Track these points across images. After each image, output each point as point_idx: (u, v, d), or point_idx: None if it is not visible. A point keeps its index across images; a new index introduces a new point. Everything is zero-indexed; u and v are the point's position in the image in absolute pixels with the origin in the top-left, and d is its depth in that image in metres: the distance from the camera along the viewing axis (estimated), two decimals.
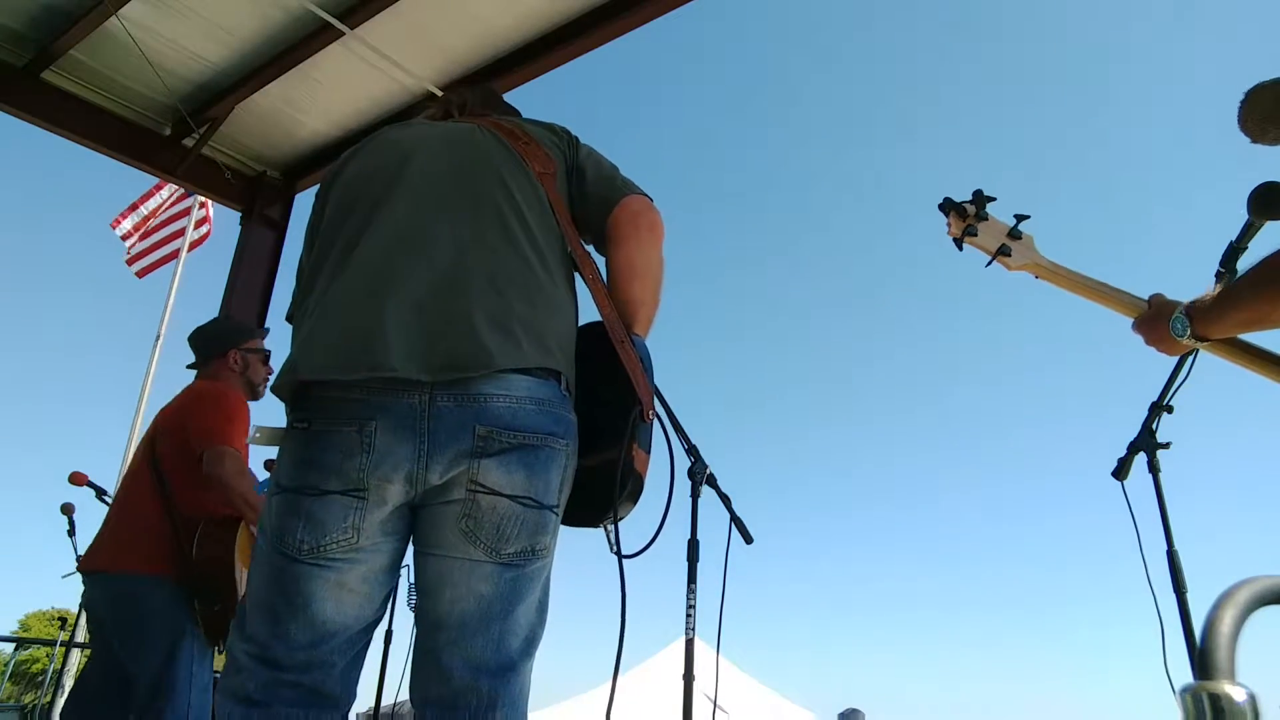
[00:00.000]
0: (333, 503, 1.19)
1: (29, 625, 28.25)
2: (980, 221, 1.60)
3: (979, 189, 1.60)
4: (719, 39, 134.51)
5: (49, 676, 7.63)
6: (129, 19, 3.56)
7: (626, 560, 1.32)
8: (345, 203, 1.43)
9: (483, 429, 1.20)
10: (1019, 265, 1.60)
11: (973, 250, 1.61)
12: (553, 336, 1.30)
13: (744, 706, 10.28)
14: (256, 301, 4.37)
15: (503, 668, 1.24)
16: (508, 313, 1.26)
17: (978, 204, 1.60)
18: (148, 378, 9.61)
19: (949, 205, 1.61)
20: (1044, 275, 1.61)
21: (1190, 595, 2.09)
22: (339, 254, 1.34)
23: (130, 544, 2.35)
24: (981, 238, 1.59)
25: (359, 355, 1.20)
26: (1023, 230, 1.60)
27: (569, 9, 3.50)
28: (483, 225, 1.35)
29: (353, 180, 1.46)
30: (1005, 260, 1.59)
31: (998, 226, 1.60)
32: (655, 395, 1.39)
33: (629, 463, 1.29)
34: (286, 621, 1.21)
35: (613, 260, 1.46)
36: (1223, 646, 0.48)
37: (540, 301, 1.32)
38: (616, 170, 1.57)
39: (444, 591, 1.24)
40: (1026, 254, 1.60)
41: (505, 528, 1.22)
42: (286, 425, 1.28)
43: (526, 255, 1.35)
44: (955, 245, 1.61)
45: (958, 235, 1.60)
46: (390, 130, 1.55)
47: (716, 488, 2.43)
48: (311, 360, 1.23)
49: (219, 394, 2.55)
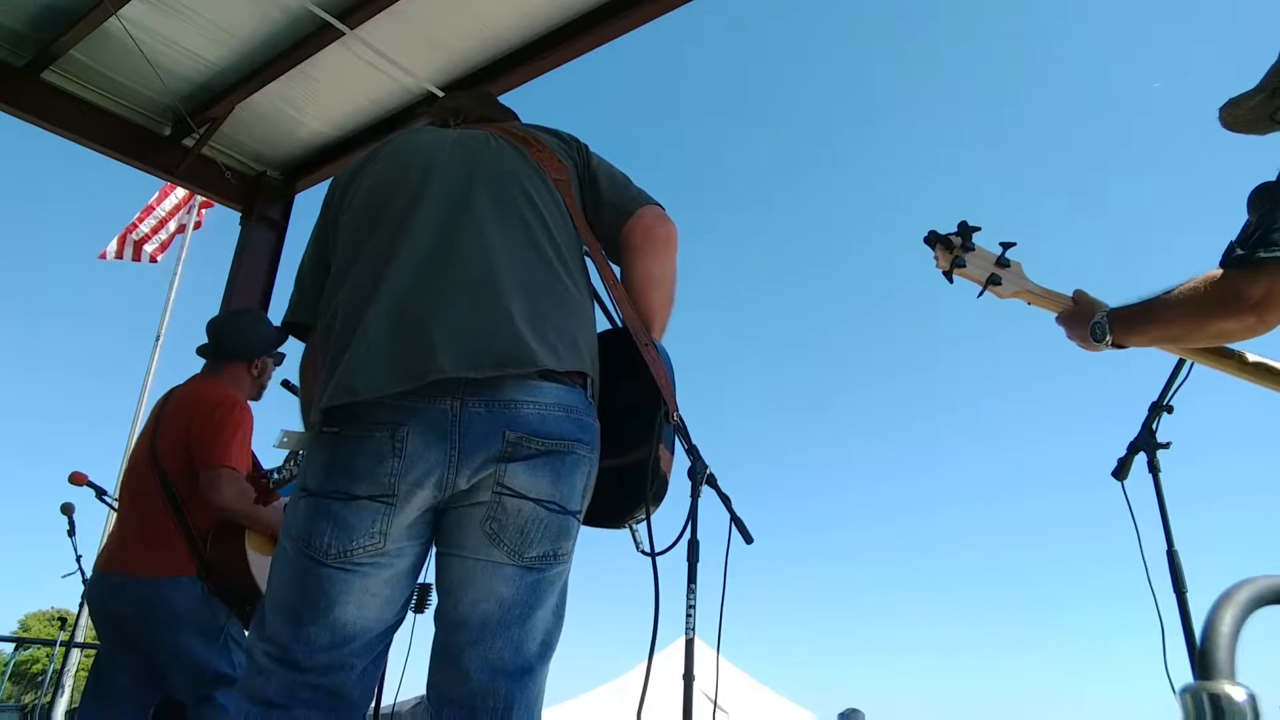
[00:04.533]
0: (362, 508, 1.19)
1: (29, 625, 28.25)
2: (967, 252, 1.60)
3: (964, 220, 1.61)
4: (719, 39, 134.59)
5: (49, 676, 7.63)
6: (129, 19, 3.56)
7: (645, 558, 1.34)
8: (367, 215, 1.42)
9: (512, 435, 1.21)
10: (1010, 293, 1.61)
11: (964, 280, 1.62)
12: (582, 340, 1.33)
13: (744, 706, 10.27)
14: (256, 302, 4.36)
15: (521, 670, 1.24)
16: (540, 317, 1.28)
17: (963, 235, 1.60)
18: (148, 377, 9.62)
19: (934, 239, 1.61)
20: (1035, 301, 1.64)
21: (1190, 595, 2.09)
22: (371, 271, 1.33)
23: (159, 552, 2.32)
24: (970, 268, 1.61)
25: (412, 365, 1.20)
26: (1010, 258, 1.61)
27: (569, 9, 3.51)
28: (510, 232, 1.36)
29: (374, 190, 1.45)
30: (996, 290, 1.61)
31: (985, 255, 1.61)
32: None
33: (656, 463, 1.32)
34: (308, 624, 1.21)
35: (630, 270, 1.49)
36: (1223, 646, 0.48)
37: (569, 307, 1.34)
38: (628, 179, 1.59)
39: (465, 592, 1.24)
40: (1017, 281, 1.61)
41: (529, 531, 1.23)
42: (314, 430, 1.28)
43: (551, 261, 1.37)
44: (945, 278, 1.62)
45: (946, 268, 1.61)
46: (403, 138, 1.55)
47: (716, 488, 2.44)
48: (369, 380, 1.21)
49: (225, 407, 2.43)
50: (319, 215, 1.55)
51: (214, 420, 2.39)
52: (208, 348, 2.64)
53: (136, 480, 2.46)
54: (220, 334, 2.65)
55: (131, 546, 2.37)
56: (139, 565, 2.32)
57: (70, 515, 4.49)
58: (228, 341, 2.63)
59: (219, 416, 2.40)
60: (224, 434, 2.37)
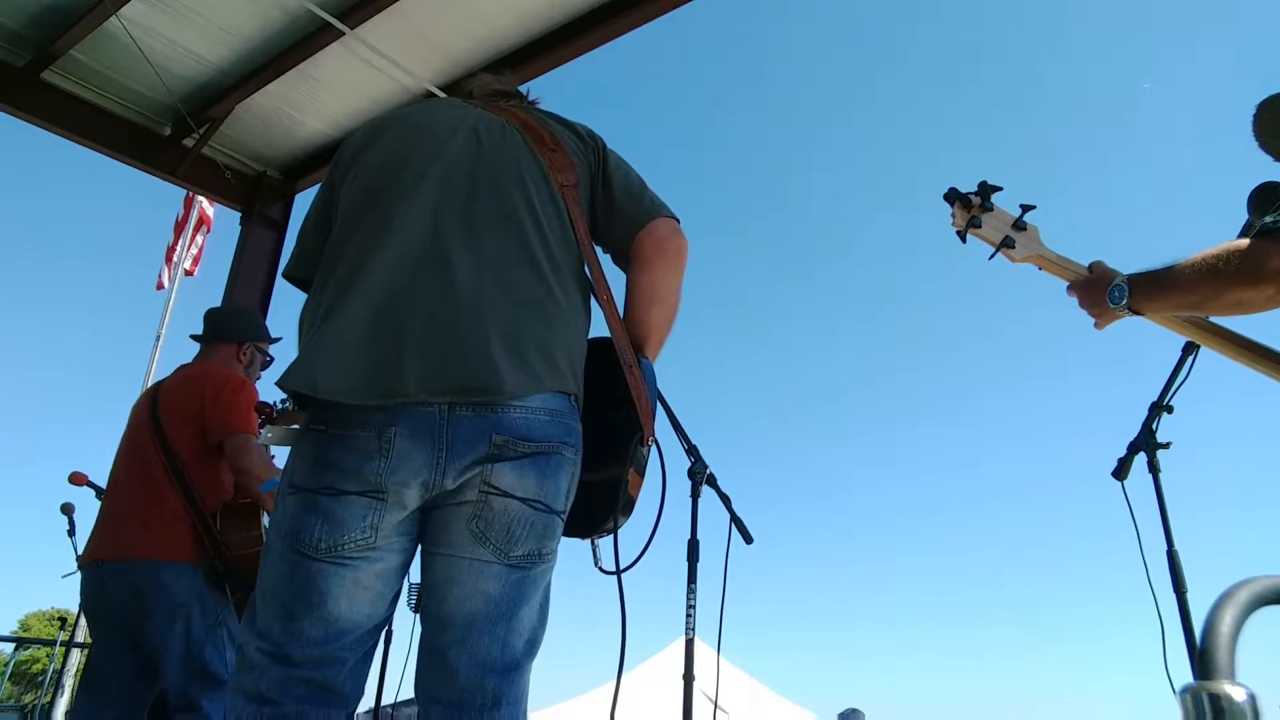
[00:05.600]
0: (352, 503, 1.20)
1: (29, 625, 28.24)
2: (985, 212, 1.57)
3: (984, 180, 1.58)
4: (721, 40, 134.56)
5: (49, 676, 7.64)
6: (129, 19, 3.56)
7: (644, 559, 1.35)
8: (367, 194, 1.39)
9: (499, 438, 1.21)
10: (1023, 257, 1.57)
11: (977, 242, 1.59)
12: (564, 357, 1.31)
13: (744, 706, 10.29)
14: (257, 300, 4.36)
15: (508, 667, 1.25)
16: (523, 334, 1.27)
17: (983, 195, 1.57)
18: (148, 377, 9.63)
19: (954, 196, 1.58)
20: (1048, 268, 1.59)
21: (1190, 595, 2.09)
22: (361, 252, 1.31)
23: (160, 533, 2.32)
24: (986, 229, 1.57)
25: (375, 381, 1.19)
26: (1028, 221, 1.57)
27: (569, 9, 3.51)
28: (504, 242, 1.34)
29: (377, 170, 1.42)
30: (1009, 252, 1.57)
31: (1003, 217, 1.58)
32: (660, 405, 1.41)
33: (624, 485, 1.33)
34: (300, 618, 1.21)
35: (634, 283, 1.46)
36: (1223, 646, 0.48)
37: (557, 321, 1.32)
38: (645, 186, 1.55)
39: (451, 590, 1.24)
40: (1031, 246, 1.57)
41: (515, 529, 1.24)
42: (301, 427, 1.28)
43: (544, 274, 1.34)
44: (959, 237, 1.60)
45: (961, 227, 1.58)
46: (419, 114, 1.50)
47: (716, 488, 2.43)
48: (331, 382, 1.20)
49: (237, 382, 2.53)
50: (326, 175, 1.53)
51: (225, 393, 2.48)
52: (201, 334, 2.73)
53: (134, 462, 2.45)
54: (217, 317, 2.77)
55: (127, 528, 2.36)
56: (136, 547, 2.31)
57: (70, 515, 4.49)
58: (223, 324, 2.75)
59: (230, 389, 2.49)
60: (240, 405, 2.46)
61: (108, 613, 2.35)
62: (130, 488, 2.43)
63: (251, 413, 2.43)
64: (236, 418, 2.42)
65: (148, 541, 2.30)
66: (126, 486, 2.45)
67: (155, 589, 2.26)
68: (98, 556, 2.36)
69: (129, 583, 2.28)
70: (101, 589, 2.34)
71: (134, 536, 2.33)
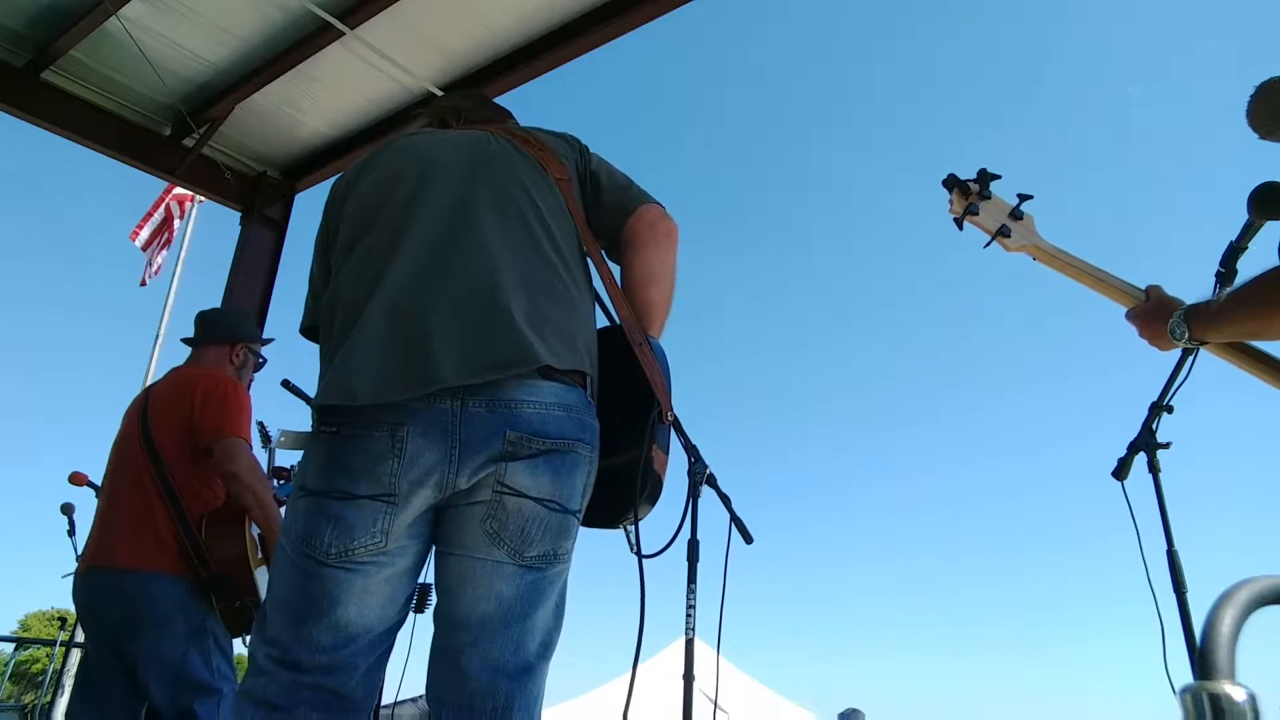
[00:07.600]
0: (362, 507, 1.19)
1: (29, 625, 28.22)
2: (983, 200, 1.58)
3: (984, 168, 1.59)
4: (720, 40, 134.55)
5: (49, 676, 7.63)
6: (129, 19, 3.56)
7: (641, 559, 1.34)
8: (367, 213, 1.41)
9: (513, 434, 1.21)
10: (1018, 247, 1.57)
11: (975, 233, 1.59)
12: (581, 340, 1.33)
13: (744, 706, 10.29)
14: (256, 302, 4.36)
15: (521, 670, 1.24)
16: (540, 316, 1.28)
17: (981, 182, 1.58)
18: (148, 377, 9.62)
19: (953, 182, 1.59)
20: (1042, 258, 1.59)
21: (1190, 595, 2.09)
22: (370, 268, 1.33)
23: (147, 543, 2.29)
24: (982, 217, 1.58)
25: (412, 373, 1.20)
26: (1025, 211, 1.58)
27: (569, 9, 3.50)
28: (510, 231, 1.36)
29: (372, 190, 1.44)
30: (1004, 241, 1.57)
31: (1000, 205, 1.58)
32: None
33: (649, 463, 1.31)
34: (310, 624, 1.20)
35: (630, 266, 1.50)
36: (1223, 646, 0.48)
37: (569, 306, 1.34)
38: (629, 179, 1.61)
39: (465, 592, 1.24)
40: (1026, 235, 1.57)
41: (529, 530, 1.23)
42: (312, 429, 1.28)
43: (551, 260, 1.37)
44: (955, 224, 1.60)
45: (959, 214, 1.59)
46: (402, 139, 1.54)
47: (716, 488, 2.43)
48: (368, 385, 1.20)
49: (228, 385, 2.48)
50: (321, 220, 1.54)
51: (217, 396, 2.43)
52: (192, 337, 2.70)
53: (124, 467, 2.44)
54: (209, 319, 2.74)
55: (116, 534, 2.34)
56: (123, 555, 2.29)
57: (70, 515, 4.48)
58: (215, 325, 2.71)
59: (222, 392, 2.45)
60: (232, 409, 2.41)
61: (98, 625, 2.33)
62: (120, 494, 2.42)
63: (243, 416, 2.40)
64: (227, 421, 2.38)
65: (135, 550, 2.29)
66: (116, 492, 2.44)
67: (142, 600, 2.24)
68: (89, 563, 2.36)
69: (115, 597, 2.27)
70: (92, 596, 2.32)
71: (121, 545, 2.31)
